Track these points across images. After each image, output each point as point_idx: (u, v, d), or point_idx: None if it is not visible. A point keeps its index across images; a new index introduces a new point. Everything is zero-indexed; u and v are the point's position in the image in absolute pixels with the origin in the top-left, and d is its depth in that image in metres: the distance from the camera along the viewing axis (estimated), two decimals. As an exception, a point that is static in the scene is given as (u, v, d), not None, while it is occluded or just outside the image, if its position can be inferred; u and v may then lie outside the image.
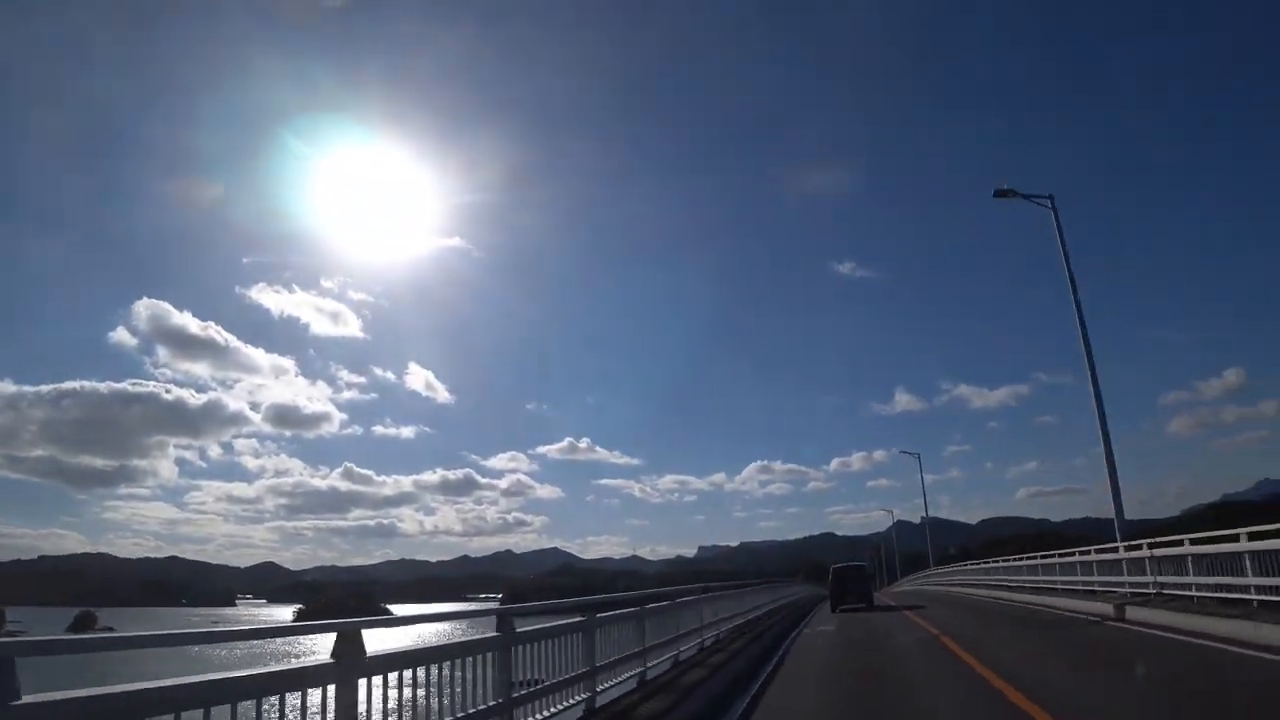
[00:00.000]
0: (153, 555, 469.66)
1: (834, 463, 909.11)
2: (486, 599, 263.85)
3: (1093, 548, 24.00)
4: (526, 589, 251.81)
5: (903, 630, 20.29)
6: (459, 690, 6.23)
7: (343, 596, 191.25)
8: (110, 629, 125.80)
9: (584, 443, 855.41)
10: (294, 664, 4.69)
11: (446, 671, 6.12)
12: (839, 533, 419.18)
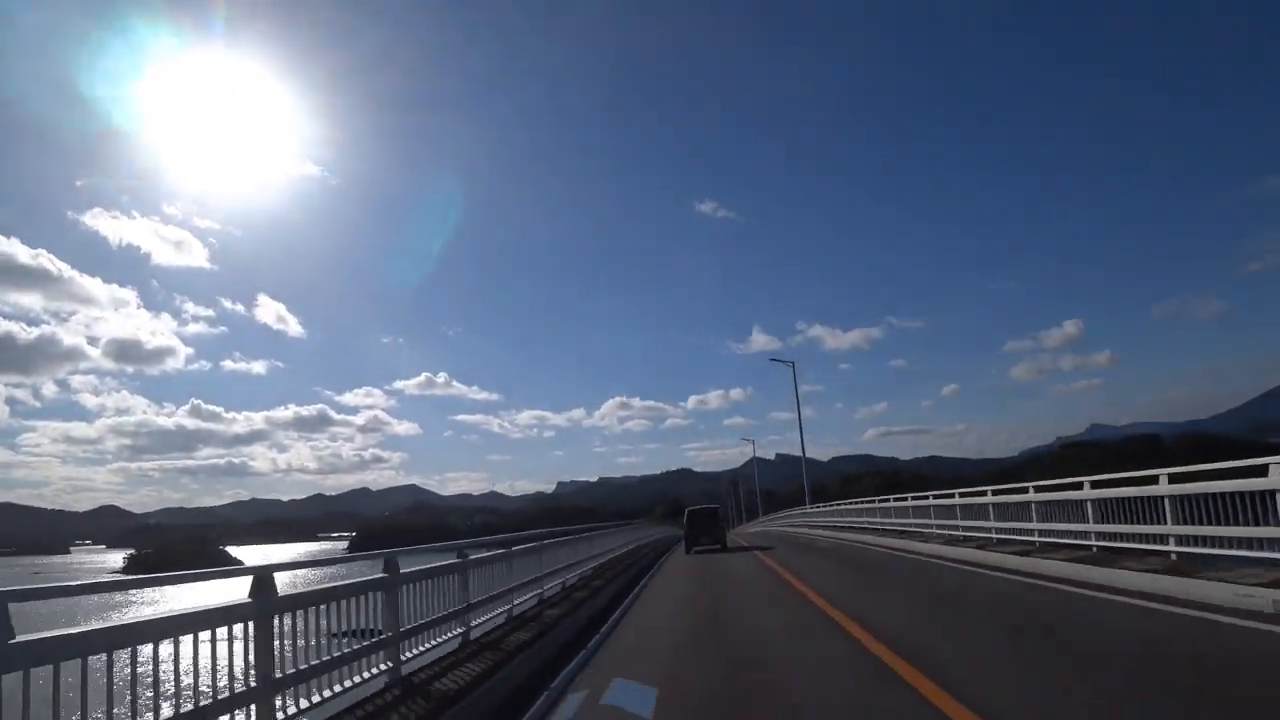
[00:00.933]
0: None
1: (691, 400, 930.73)
2: (340, 538, 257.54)
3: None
4: (378, 528, 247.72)
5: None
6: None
7: (177, 542, 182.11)
8: None
9: (442, 377, 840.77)
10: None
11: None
12: (696, 469, 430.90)
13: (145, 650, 4.53)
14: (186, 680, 4.81)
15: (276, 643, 5.76)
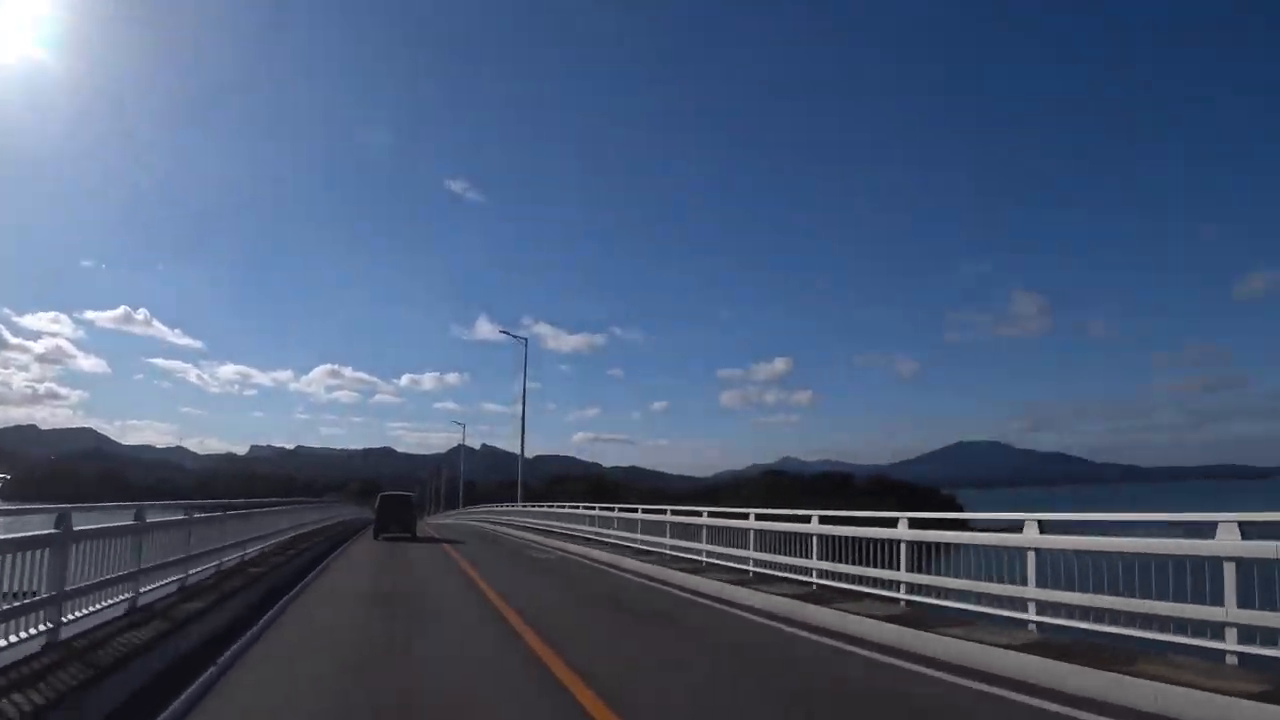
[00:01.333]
0: None
1: (405, 378, 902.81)
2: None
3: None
4: (40, 473, 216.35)
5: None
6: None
7: None
8: None
9: (142, 314, 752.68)
10: None
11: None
12: (400, 449, 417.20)
13: None
14: None
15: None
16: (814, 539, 13.52)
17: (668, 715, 6.57)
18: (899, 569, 11.26)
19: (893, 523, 11.66)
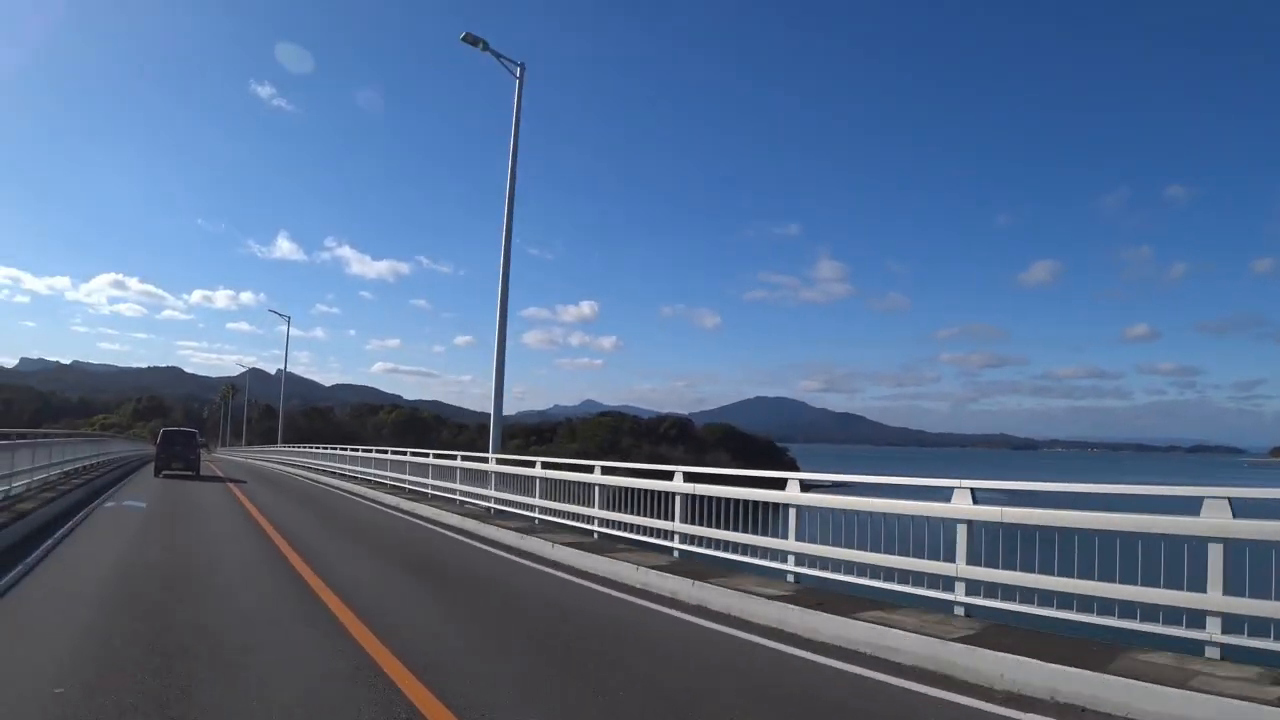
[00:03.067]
0: None
1: (196, 294, 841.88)
2: None
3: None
4: None
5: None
6: None
7: None
8: None
9: None
10: None
11: None
12: (188, 370, 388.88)
13: None
14: None
15: None
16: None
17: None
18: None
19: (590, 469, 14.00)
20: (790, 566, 9.62)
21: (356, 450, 33.08)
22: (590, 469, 14.15)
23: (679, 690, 5.94)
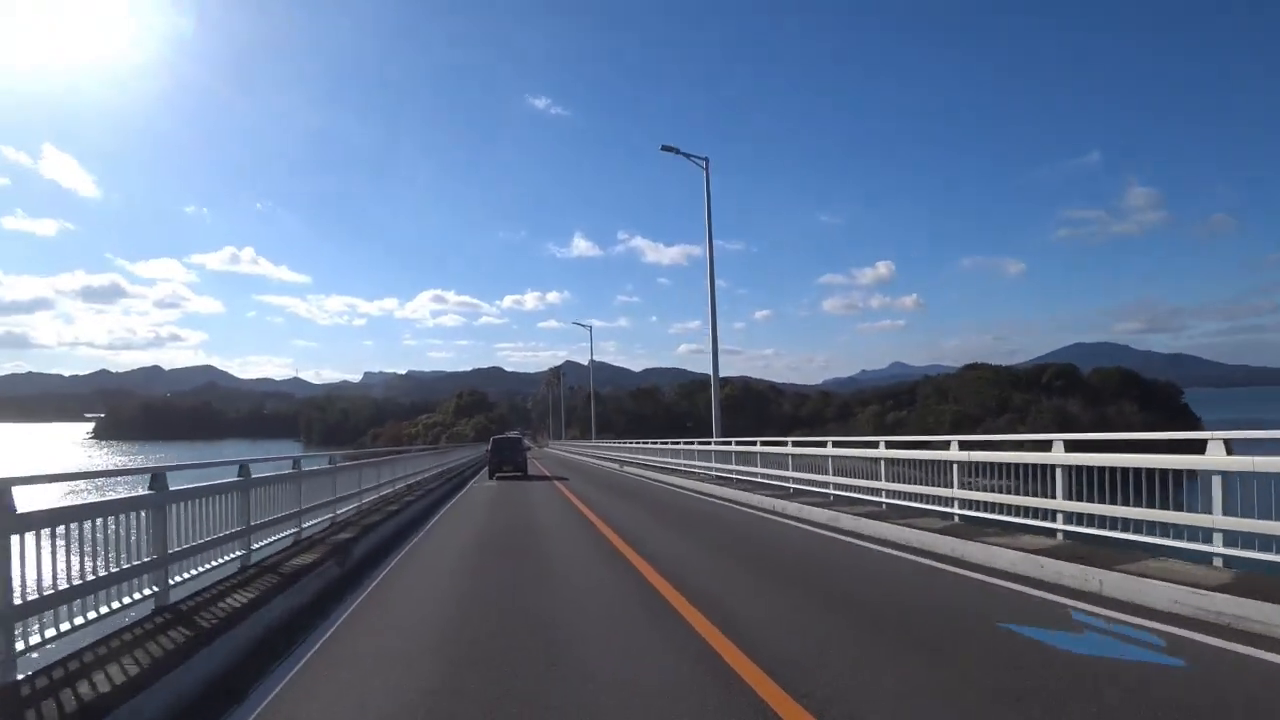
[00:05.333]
0: None
1: (507, 299, 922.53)
2: (90, 418, 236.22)
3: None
4: (132, 409, 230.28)
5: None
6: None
7: None
8: None
9: (248, 253, 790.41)
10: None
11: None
12: (508, 368, 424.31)
13: None
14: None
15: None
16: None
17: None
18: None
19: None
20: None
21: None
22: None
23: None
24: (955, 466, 12.34)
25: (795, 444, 20.11)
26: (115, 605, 6.27)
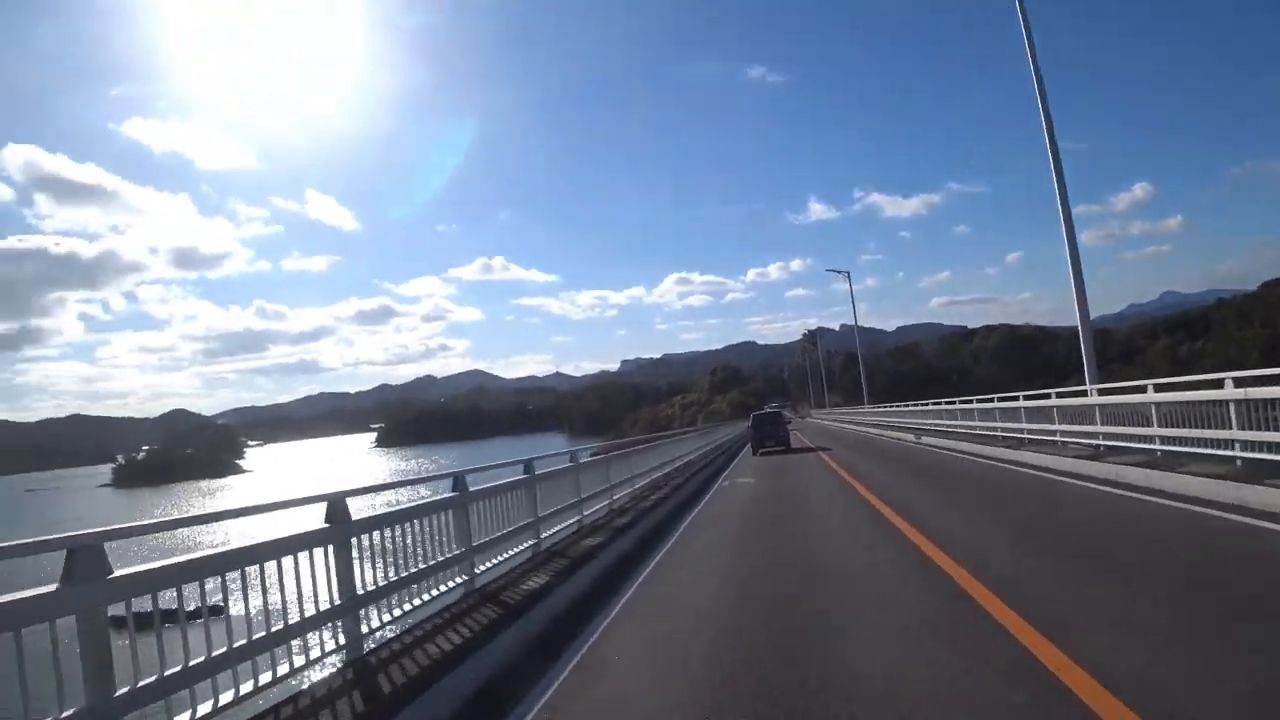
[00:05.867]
0: (54, 415, 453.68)
1: (751, 273, 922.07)
2: (374, 428, 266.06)
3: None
4: (409, 414, 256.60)
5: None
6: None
7: (201, 442, 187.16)
8: None
9: (498, 261, 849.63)
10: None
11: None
12: (761, 342, 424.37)
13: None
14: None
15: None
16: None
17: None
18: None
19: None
20: None
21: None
22: None
23: None
24: None
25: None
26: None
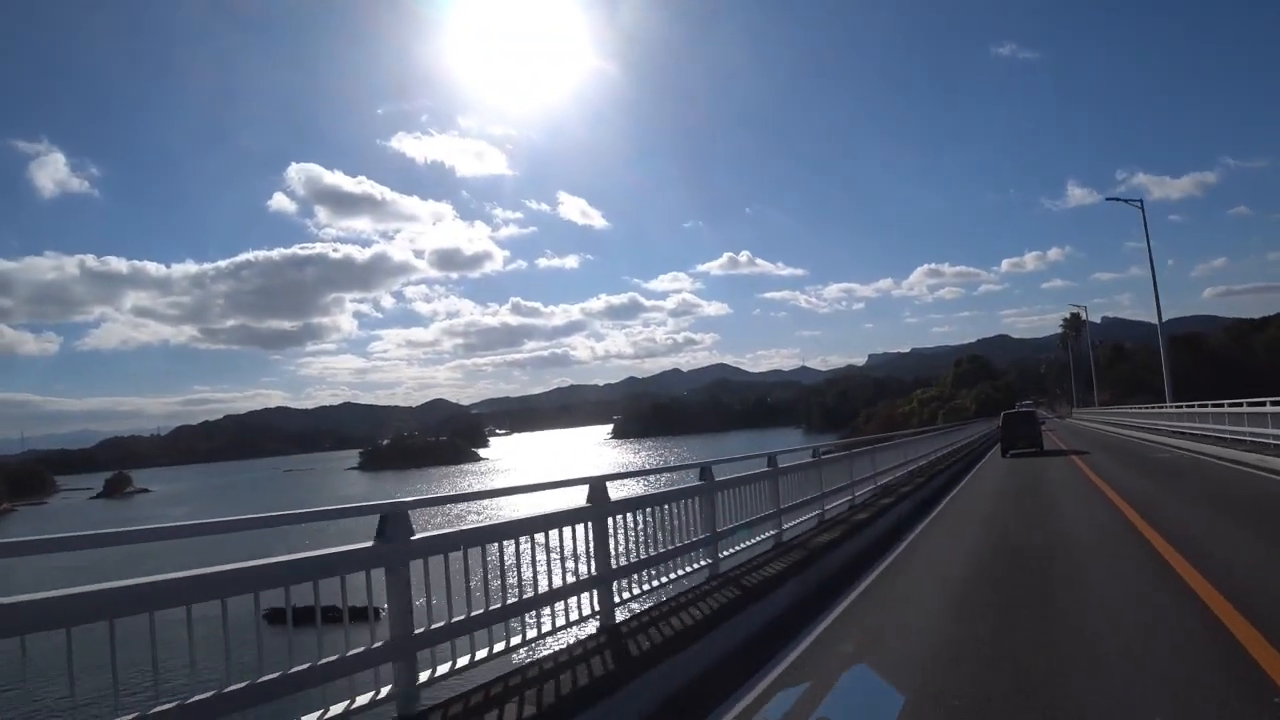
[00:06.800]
0: (329, 404, 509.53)
1: (1004, 263, 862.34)
2: (614, 420, 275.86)
3: None
4: (644, 410, 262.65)
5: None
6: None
7: (450, 433, 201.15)
8: (145, 490, 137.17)
9: (744, 256, 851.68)
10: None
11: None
12: (1015, 335, 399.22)
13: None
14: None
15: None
16: None
17: None
18: None
19: None
20: None
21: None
22: None
23: None
24: None
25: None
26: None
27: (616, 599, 6.79)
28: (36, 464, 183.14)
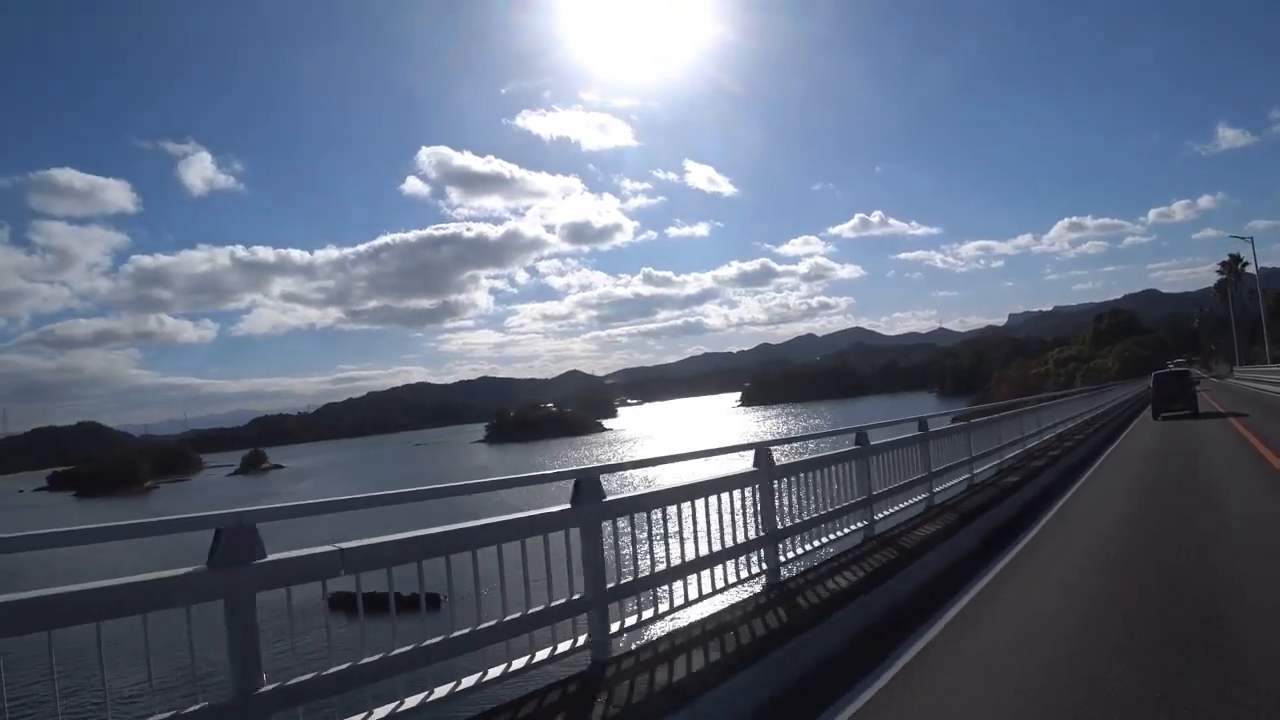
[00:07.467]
0: (468, 378, 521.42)
1: (1152, 214, 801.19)
2: (745, 386, 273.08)
3: None
4: (771, 379, 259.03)
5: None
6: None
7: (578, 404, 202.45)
8: (278, 466, 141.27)
9: (875, 216, 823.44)
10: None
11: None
12: (1164, 290, 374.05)
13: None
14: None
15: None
16: None
17: None
18: None
19: None
20: None
21: None
22: None
23: None
24: None
25: None
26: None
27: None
28: (183, 444, 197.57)
